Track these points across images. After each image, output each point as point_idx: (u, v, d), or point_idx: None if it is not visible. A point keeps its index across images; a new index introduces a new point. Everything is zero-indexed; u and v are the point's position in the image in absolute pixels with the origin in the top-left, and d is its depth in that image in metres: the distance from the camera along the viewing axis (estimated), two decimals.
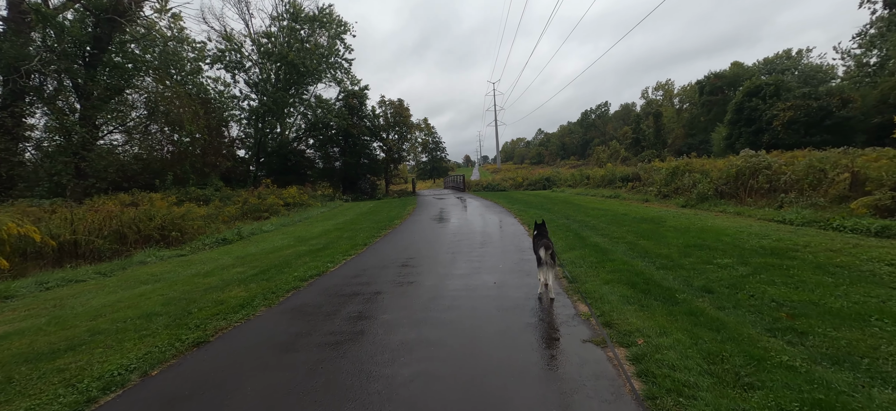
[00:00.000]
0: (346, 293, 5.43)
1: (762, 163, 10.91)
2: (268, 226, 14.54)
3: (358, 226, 13.31)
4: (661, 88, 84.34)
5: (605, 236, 8.26)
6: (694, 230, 8.00)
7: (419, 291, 5.31)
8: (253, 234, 13.03)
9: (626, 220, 10.20)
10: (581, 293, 4.66)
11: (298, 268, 7.01)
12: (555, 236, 8.72)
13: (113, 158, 19.28)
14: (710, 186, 11.87)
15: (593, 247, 7.11)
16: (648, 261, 5.84)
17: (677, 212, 11.01)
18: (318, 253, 8.59)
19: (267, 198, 19.00)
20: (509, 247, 8.03)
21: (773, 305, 3.71)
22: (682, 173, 14.96)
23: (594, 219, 11.00)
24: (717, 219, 9.32)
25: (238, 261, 8.24)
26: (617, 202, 15.78)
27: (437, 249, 8.35)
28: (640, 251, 6.57)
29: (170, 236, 11.12)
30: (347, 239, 10.48)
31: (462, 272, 6.27)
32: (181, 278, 6.91)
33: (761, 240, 6.48)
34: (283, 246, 10.13)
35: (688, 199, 12.44)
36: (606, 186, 21.93)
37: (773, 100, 30.77)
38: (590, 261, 6.14)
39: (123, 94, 22.25)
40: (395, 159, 36.87)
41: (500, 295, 4.91)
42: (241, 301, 5.13)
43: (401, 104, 35.02)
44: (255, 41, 31.51)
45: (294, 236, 11.90)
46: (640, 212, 11.85)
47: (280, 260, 8.08)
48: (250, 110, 31.71)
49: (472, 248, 8.13)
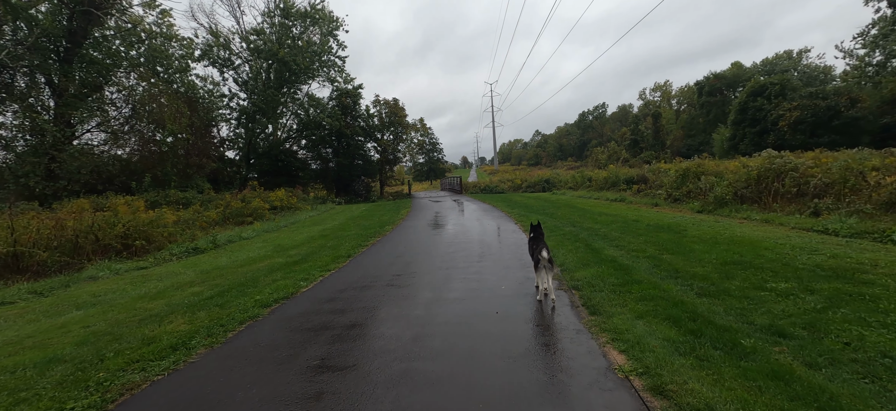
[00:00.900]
0: (313, 326, 4.36)
1: (788, 164, 9.93)
2: (249, 233, 13.44)
3: (345, 233, 12.24)
4: (658, 90, 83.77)
5: (620, 248, 7.24)
6: (723, 241, 6.98)
7: (403, 325, 4.25)
8: (230, 242, 11.93)
9: (640, 228, 9.19)
10: (610, 332, 3.61)
11: (265, 288, 5.93)
12: (562, 247, 7.71)
13: (87, 159, 18.09)
14: (728, 190, 10.87)
15: (610, 264, 6.08)
16: (683, 284, 4.81)
17: (695, 219, 10.00)
18: (294, 267, 7.52)
19: (251, 202, 17.87)
20: (511, 261, 6.98)
21: (887, 363, 2.69)
22: (693, 175, 13.99)
23: (603, 226, 9.98)
24: (743, 227, 8.31)
25: (200, 278, 7.15)
26: (624, 206, 14.78)
27: (430, 263, 7.30)
28: (669, 269, 5.54)
29: (134, 245, 10.01)
30: (331, 249, 9.41)
31: (457, 295, 5.22)
32: (122, 301, 5.82)
33: (812, 256, 5.46)
34: (259, 257, 9.04)
35: (704, 204, 11.45)
36: (610, 189, 20.95)
37: (779, 99, 29.94)
38: (610, 282, 5.10)
39: (102, 92, 21.09)
40: (390, 160, 35.78)
41: (505, 332, 3.86)
42: (178, 338, 4.06)
43: (396, 104, 33.97)
44: (244, 38, 30.36)
45: (274, 245, 10.82)
46: (652, 217, 10.85)
47: (248, 276, 6.99)
48: (240, 110, 30.57)
49: (468, 262, 7.08)
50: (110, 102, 21.83)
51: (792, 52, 61.32)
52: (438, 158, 52.68)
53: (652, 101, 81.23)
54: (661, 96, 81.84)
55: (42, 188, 16.17)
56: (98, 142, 21.26)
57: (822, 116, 27.00)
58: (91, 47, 20.59)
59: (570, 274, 5.75)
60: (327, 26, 32.37)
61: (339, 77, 33.52)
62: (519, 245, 8.41)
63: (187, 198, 18.07)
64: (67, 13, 19.17)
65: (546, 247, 4.52)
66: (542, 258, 4.39)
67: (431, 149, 50.57)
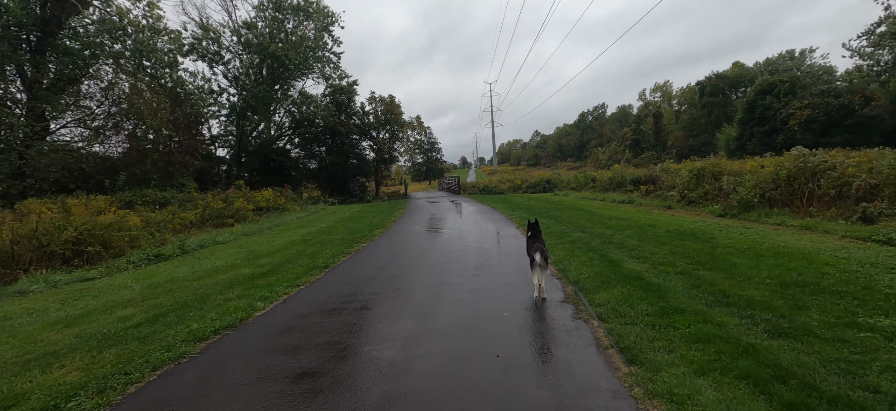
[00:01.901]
0: (249, 375, 3.23)
1: (824, 163, 8.82)
2: (225, 236, 12.29)
3: (330, 237, 11.10)
4: (658, 90, 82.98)
5: (643, 260, 6.11)
6: (767, 254, 5.87)
7: (369, 377, 3.12)
8: (201, 247, 10.78)
9: (660, 235, 8.07)
10: (663, 399, 2.48)
11: (210, 312, 4.79)
12: (572, 258, 6.60)
13: (58, 156, 16.91)
14: (753, 192, 9.76)
15: (636, 282, 4.95)
16: (741, 315, 3.69)
17: (720, 224, 8.89)
18: (258, 280, 6.38)
19: (234, 202, 16.70)
20: (514, 275, 5.85)
21: None
22: (709, 176, 12.89)
23: (616, 231, 8.86)
24: (782, 235, 7.20)
25: (142, 295, 6.00)
26: (634, 209, 13.67)
27: (418, 277, 6.17)
28: (712, 290, 4.42)
29: (87, 252, 8.85)
30: (309, 256, 8.28)
31: (446, 324, 4.09)
32: (28, 329, 4.66)
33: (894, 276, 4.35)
34: (224, 266, 7.90)
35: (726, 207, 10.34)
36: (616, 190, 19.84)
37: (788, 98, 28.88)
38: (643, 310, 3.97)
39: (78, 85, 19.91)
40: (385, 159, 34.62)
41: (509, 392, 2.74)
42: (55, 396, 2.92)
43: (392, 101, 32.81)
44: (235, 31, 29.17)
45: (247, 251, 9.68)
46: (670, 222, 9.73)
47: (199, 292, 5.85)
48: (230, 106, 29.41)
49: (463, 276, 5.95)
50: (88, 96, 20.63)
51: (794, 52, 60.54)
52: (437, 158, 51.59)
53: (652, 102, 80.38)
54: (661, 97, 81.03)
55: (5, 186, 15.00)
56: (73, 138, 20.06)
57: (834, 115, 25.94)
58: (67, 37, 19.41)
59: (589, 295, 4.63)
60: (322, 21, 31.23)
61: (334, 74, 32.39)
62: (521, 254, 7.29)
63: (166, 198, 16.91)
64: (39, 1, 18.01)
65: (542, 246, 4.70)
66: (534, 258, 4.51)
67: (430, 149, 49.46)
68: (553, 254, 7.07)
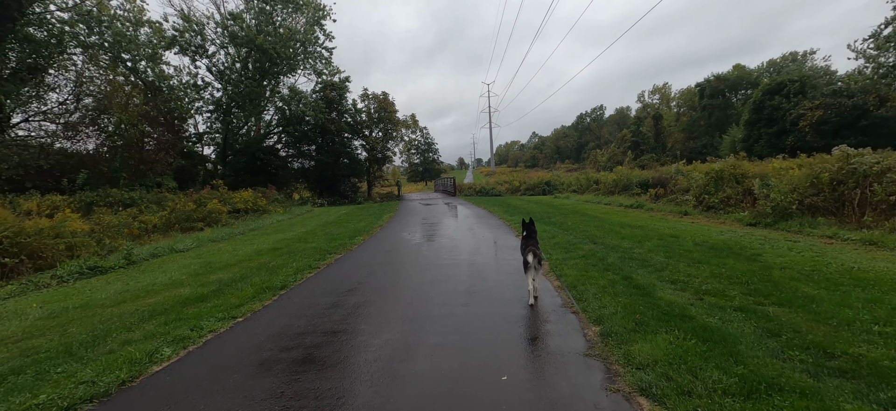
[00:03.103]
0: None
1: (877, 165, 7.51)
2: (187, 243, 10.86)
3: (305, 245, 9.71)
4: (657, 92, 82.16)
5: (680, 286, 4.76)
6: (844, 281, 4.53)
7: None
8: (154, 257, 9.36)
9: (688, 249, 6.73)
10: None
11: (90, 364, 3.41)
12: (588, 281, 5.28)
13: (11, 151, 15.41)
14: (791, 197, 8.43)
15: (683, 323, 3.59)
16: (877, 402, 2.33)
17: (755, 236, 7.56)
18: (191, 307, 4.99)
19: (207, 204, 15.24)
20: (516, 307, 4.48)
21: None
22: (730, 178, 11.60)
23: (634, 243, 7.52)
24: (845, 252, 5.87)
25: (27, 330, 4.59)
26: (646, 215, 12.34)
27: (391, 306, 4.79)
28: (802, 343, 3.07)
29: (4, 264, 7.41)
30: (270, 271, 6.91)
31: (415, 399, 2.72)
32: None
33: None
34: (163, 284, 6.49)
35: (756, 215, 9.01)
36: (621, 193, 18.53)
37: (798, 98, 27.69)
38: (715, 383, 2.61)
39: (42, 75, 18.41)
40: (378, 159, 33.18)
41: None
42: None
43: (385, 98, 31.40)
44: (220, 23, 27.70)
45: (203, 262, 8.27)
46: (694, 232, 8.40)
47: (103, 327, 4.46)
48: (215, 102, 27.95)
49: (450, 308, 4.57)
50: (54, 88, 19.13)
51: (797, 54, 59.76)
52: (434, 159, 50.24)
53: (650, 104, 79.48)
54: (659, 99, 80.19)
55: None
56: (37, 133, 18.55)
57: (847, 116, 24.77)
58: (32, 24, 17.94)
59: (623, 347, 3.26)
60: (313, 14, 29.84)
61: (326, 69, 30.98)
62: None
63: (132, 199, 15.45)
64: None
65: (536, 247, 4.61)
66: (527, 260, 4.41)
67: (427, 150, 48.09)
68: (563, 273, 5.72)
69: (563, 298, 4.72)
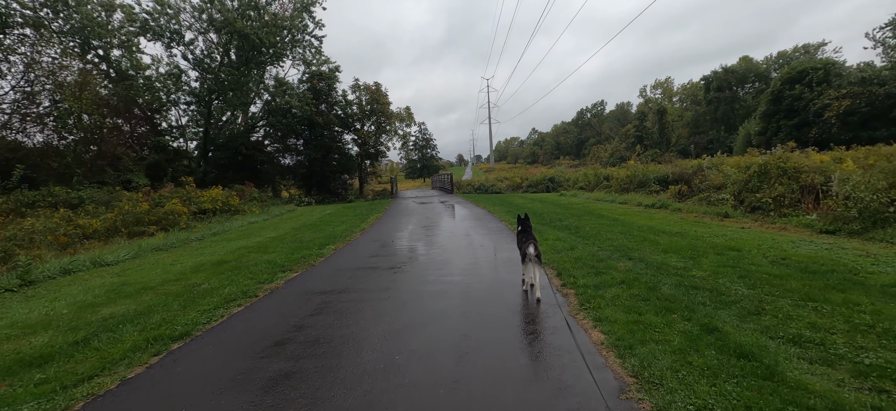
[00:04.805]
0: None
1: None
2: (121, 254, 8.91)
3: (261, 256, 7.75)
4: (659, 86, 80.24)
5: (814, 351, 2.82)
6: None
7: None
8: (65, 274, 7.41)
9: (772, 273, 4.79)
10: None
11: None
12: (647, 332, 3.25)
13: None
14: (881, 200, 6.48)
15: None
16: None
17: (846, 250, 5.61)
18: (51, 362, 3.03)
19: (165, 204, 13.25)
20: (541, 395, 2.52)
21: None
22: (777, 173, 9.65)
23: (686, 260, 5.57)
24: None
25: None
26: (677, 218, 10.38)
27: (324, 395, 2.83)
28: None
29: None
30: (188, 301, 5.00)
31: None
32: None
33: None
34: (35, 322, 4.55)
35: (831, 220, 7.06)
36: (637, 190, 16.57)
37: (822, 87, 25.69)
38: None
39: None
40: (371, 154, 31.17)
41: None
42: None
43: (378, 89, 29.35)
44: (196, 6, 25.58)
45: (116, 284, 6.33)
46: (758, 243, 6.45)
47: None
48: (191, 92, 25.89)
49: (435, 380, 2.61)
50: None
51: (810, 47, 57.71)
52: (432, 155, 48.26)
53: (652, 99, 77.45)
54: (661, 94, 78.19)
55: None
56: None
57: (879, 106, 22.78)
58: None
59: None
60: (301, 0, 27.73)
61: (315, 59, 28.91)
62: (548, 314, 3.97)
63: (80, 198, 13.48)
64: None
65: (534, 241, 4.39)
66: (528, 253, 4.32)
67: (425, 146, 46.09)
68: (603, 317, 3.75)
69: (619, 378, 2.76)
